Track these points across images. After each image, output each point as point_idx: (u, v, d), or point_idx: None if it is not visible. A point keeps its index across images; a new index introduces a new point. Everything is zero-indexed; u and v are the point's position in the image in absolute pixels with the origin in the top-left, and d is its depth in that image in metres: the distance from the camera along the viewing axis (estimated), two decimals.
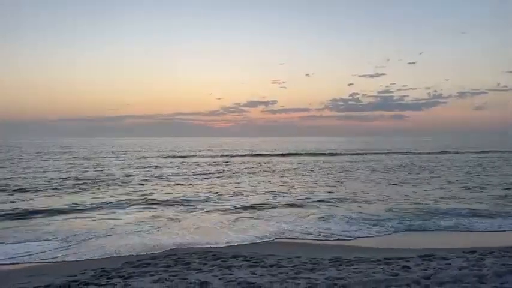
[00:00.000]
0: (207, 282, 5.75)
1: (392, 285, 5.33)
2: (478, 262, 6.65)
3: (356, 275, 5.96)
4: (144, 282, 5.89)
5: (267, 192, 17.07)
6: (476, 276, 5.65)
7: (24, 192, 16.98)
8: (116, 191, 17.48)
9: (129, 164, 33.40)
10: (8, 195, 16.21)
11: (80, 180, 21.00)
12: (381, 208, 13.28)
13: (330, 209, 13.23)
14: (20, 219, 11.69)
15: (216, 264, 6.98)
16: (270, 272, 6.33)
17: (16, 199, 15.12)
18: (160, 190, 17.86)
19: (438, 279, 5.60)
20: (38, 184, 19.44)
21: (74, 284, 5.86)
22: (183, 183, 20.62)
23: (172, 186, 19.23)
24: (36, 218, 11.91)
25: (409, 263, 6.73)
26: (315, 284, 5.46)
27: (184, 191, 17.47)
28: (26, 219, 11.70)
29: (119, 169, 28.38)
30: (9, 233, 10.15)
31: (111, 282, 5.96)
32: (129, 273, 6.53)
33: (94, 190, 17.63)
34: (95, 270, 6.79)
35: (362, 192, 17.10)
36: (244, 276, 6.07)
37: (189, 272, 6.45)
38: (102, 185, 19.23)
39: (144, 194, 16.39)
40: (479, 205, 13.76)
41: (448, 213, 12.35)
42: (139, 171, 27.27)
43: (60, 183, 19.97)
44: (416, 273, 5.96)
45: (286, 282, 5.61)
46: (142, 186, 19.02)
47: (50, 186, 18.61)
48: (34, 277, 6.63)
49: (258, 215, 12.34)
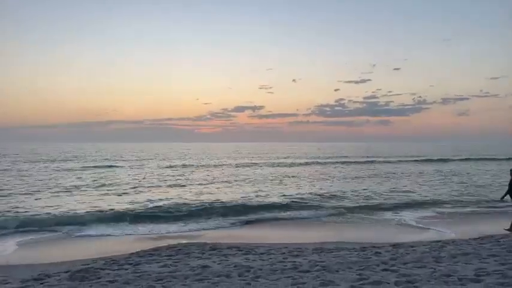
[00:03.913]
0: (207, 266, 6.70)
1: (364, 265, 6.36)
2: (440, 248, 7.74)
3: (335, 259, 6.98)
4: (152, 267, 6.80)
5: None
6: (434, 257, 6.73)
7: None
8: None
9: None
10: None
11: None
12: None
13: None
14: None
15: (213, 254, 7.92)
16: (261, 257, 7.31)
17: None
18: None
19: (403, 260, 6.66)
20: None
21: (91, 269, 6.72)
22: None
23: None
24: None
25: (381, 250, 7.79)
26: (299, 265, 6.45)
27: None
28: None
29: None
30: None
31: (123, 268, 6.84)
32: (137, 261, 7.41)
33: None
34: (105, 260, 7.65)
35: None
36: (239, 261, 7.03)
37: (190, 260, 7.38)
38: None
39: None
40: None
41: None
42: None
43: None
44: (385, 257, 7.02)
45: (274, 265, 6.59)
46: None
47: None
48: (52, 265, 7.46)
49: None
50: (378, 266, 6.34)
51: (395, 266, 6.26)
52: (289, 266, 6.46)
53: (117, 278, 6.09)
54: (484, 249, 7.37)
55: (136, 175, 27.99)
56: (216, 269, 6.45)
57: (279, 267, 6.43)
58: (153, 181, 24.01)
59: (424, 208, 14.71)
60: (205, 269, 6.48)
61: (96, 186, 20.85)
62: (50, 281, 6.05)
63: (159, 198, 16.38)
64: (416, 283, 5.06)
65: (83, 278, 6.14)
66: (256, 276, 5.84)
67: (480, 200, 16.46)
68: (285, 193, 18.24)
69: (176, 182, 23.74)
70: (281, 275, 5.88)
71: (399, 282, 5.10)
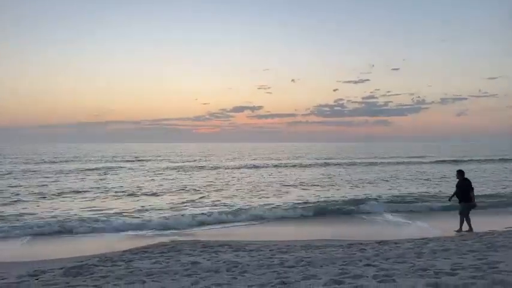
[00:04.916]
0: (197, 262, 6.94)
1: (347, 261, 6.61)
2: (423, 245, 8.01)
3: (321, 255, 7.23)
4: (144, 264, 7.04)
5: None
6: (416, 253, 6.99)
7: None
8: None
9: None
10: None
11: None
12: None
13: None
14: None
15: (204, 251, 8.17)
16: (250, 254, 7.56)
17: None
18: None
19: (385, 256, 6.91)
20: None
21: (85, 266, 6.96)
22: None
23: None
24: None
25: (367, 247, 8.05)
26: (285, 261, 6.71)
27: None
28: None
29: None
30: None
31: (116, 265, 7.08)
32: (130, 258, 7.66)
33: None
34: (99, 257, 7.89)
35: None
36: (229, 258, 7.28)
37: (181, 256, 7.62)
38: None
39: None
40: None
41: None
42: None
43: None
44: (369, 253, 7.27)
45: (262, 261, 6.84)
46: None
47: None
48: (47, 262, 7.69)
49: None
50: (361, 261, 6.59)
51: (377, 261, 6.52)
52: (276, 262, 6.70)
53: (110, 273, 6.32)
54: (465, 246, 7.63)
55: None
56: (205, 265, 6.70)
57: (266, 263, 6.67)
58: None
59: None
60: (195, 265, 6.73)
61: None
62: (45, 277, 6.28)
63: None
64: (394, 276, 5.30)
65: (76, 274, 6.37)
66: (243, 271, 6.08)
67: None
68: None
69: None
70: (267, 270, 6.12)
71: (377, 275, 5.34)
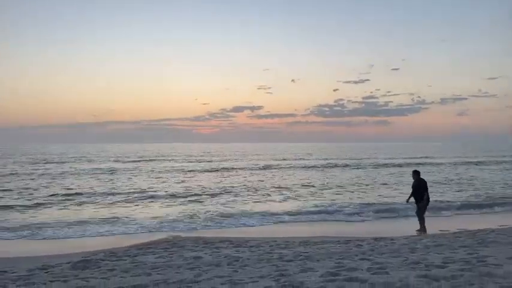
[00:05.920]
0: (199, 257, 7.22)
1: (344, 255, 6.89)
2: (417, 241, 8.28)
3: (318, 251, 7.51)
4: (148, 258, 7.32)
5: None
6: (410, 248, 7.26)
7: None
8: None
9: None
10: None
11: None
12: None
13: None
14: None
15: (206, 246, 8.46)
16: (250, 250, 7.84)
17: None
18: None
19: (380, 251, 7.19)
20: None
21: (92, 260, 7.24)
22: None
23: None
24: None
25: (363, 243, 8.32)
26: (284, 255, 6.98)
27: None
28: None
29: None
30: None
31: (122, 259, 7.36)
32: (135, 253, 7.94)
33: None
34: (104, 252, 8.17)
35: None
36: (230, 253, 7.56)
37: (184, 252, 7.91)
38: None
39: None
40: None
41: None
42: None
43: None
44: (365, 248, 7.55)
45: (262, 255, 7.11)
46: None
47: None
48: (53, 257, 7.97)
49: None
50: (357, 255, 6.86)
51: (372, 255, 6.79)
52: (275, 257, 6.98)
53: (116, 267, 6.60)
54: (458, 242, 7.91)
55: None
56: (207, 260, 6.98)
57: (266, 257, 6.95)
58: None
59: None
60: (198, 260, 7.00)
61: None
62: (53, 270, 6.56)
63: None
64: (387, 269, 5.57)
65: (84, 268, 6.66)
66: (243, 265, 6.36)
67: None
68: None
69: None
70: (266, 263, 6.40)
71: (371, 268, 5.61)
